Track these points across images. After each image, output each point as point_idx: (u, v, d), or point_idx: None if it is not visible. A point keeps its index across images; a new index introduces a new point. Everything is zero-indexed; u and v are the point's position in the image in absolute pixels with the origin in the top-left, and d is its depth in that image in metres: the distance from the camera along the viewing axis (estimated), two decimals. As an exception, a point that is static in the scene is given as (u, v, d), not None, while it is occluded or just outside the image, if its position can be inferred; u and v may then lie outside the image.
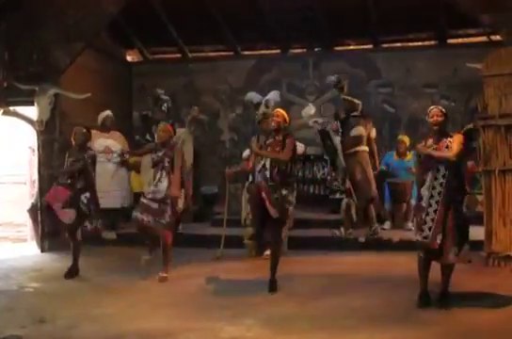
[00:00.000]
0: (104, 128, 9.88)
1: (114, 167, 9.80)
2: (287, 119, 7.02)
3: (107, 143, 9.77)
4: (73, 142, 7.70)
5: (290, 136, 6.93)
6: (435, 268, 6.05)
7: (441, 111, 6.10)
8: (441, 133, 6.09)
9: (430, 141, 6.10)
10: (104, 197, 8.40)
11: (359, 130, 9.04)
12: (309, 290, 6.66)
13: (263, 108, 8.83)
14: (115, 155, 9.85)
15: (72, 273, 7.54)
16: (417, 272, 6.11)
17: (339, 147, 8.94)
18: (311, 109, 9.04)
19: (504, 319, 5.49)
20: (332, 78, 9.32)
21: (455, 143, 5.95)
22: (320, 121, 9.29)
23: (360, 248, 8.80)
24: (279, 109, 7.14)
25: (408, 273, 6.88)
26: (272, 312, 5.83)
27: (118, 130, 10.12)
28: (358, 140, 9.03)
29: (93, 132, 8.87)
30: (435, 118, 6.08)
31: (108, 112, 9.98)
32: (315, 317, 5.65)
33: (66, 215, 7.39)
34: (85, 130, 7.80)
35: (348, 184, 8.93)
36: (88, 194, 7.53)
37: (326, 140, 9.10)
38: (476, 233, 7.75)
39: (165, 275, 7.25)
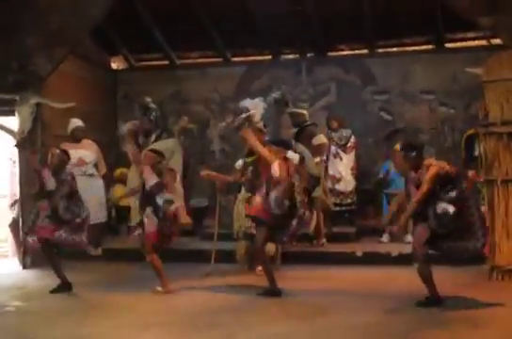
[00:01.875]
0: (75, 139, 9.78)
1: (89, 179, 9.68)
2: None
3: (80, 154, 9.62)
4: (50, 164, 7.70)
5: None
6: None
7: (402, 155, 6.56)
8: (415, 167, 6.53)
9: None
10: None
11: (321, 138, 9.23)
12: (305, 308, 6.64)
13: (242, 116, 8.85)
14: (90, 166, 9.78)
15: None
16: (417, 287, 6.42)
17: (306, 153, 8.91)
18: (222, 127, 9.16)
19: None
20: (274, 95, 9.39)
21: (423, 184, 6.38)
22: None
23: (358, 262, 8.79)
24: None
25: (409, 289, 6.91)
26: (268, 330, 5.80)
27: (91, 139, 10.03)
28: (322, 149, 9.18)
29: (64, 144, 8.90)
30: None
31: (78, 123, 9.77)
32: (313, 336, 5.64)
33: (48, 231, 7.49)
34: (59, 151, 7.81)
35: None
36: (65, 201, 7.54)
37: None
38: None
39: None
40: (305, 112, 9.64)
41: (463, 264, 7.68)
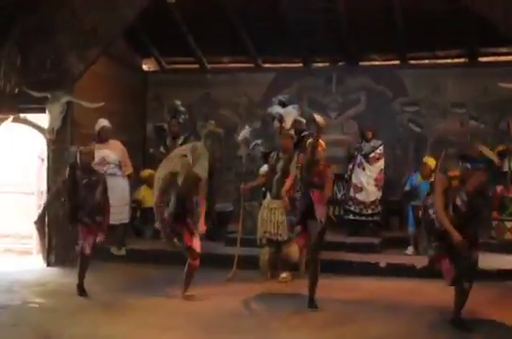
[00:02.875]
0: (101, 138, 9.78)
1: (111, 179, 9.52)
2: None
3: (103, 154, 9.52)
4: (79, 163, 7.73)
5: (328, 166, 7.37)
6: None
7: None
8: None
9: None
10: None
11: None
12: (327, 316, 6.65)
13: (276, 123, 8.87)
14: (111, 166, 9.71)
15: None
16: (440, 300, 6.46)
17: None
18: (247, 132, 9.11)
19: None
20: (280, 98, 9.34)
21: None
22: (259, 142, 9.27)
23: (381, 273, 8.75)
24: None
25: (432, 301, 6.90)
26: (289, 338, 5.81)
27: (119, 140, 10.03)
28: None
29: (92, 144, 8.92)
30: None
31: (104, 123, 9.72)
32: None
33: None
34: (91, 150, 7.93)
35: None
36: (99, 217, 7.65)
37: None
38: (505, 262, 7.75)
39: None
40: (304, 121, 9.38)
41: (489, 279, 7.59)
